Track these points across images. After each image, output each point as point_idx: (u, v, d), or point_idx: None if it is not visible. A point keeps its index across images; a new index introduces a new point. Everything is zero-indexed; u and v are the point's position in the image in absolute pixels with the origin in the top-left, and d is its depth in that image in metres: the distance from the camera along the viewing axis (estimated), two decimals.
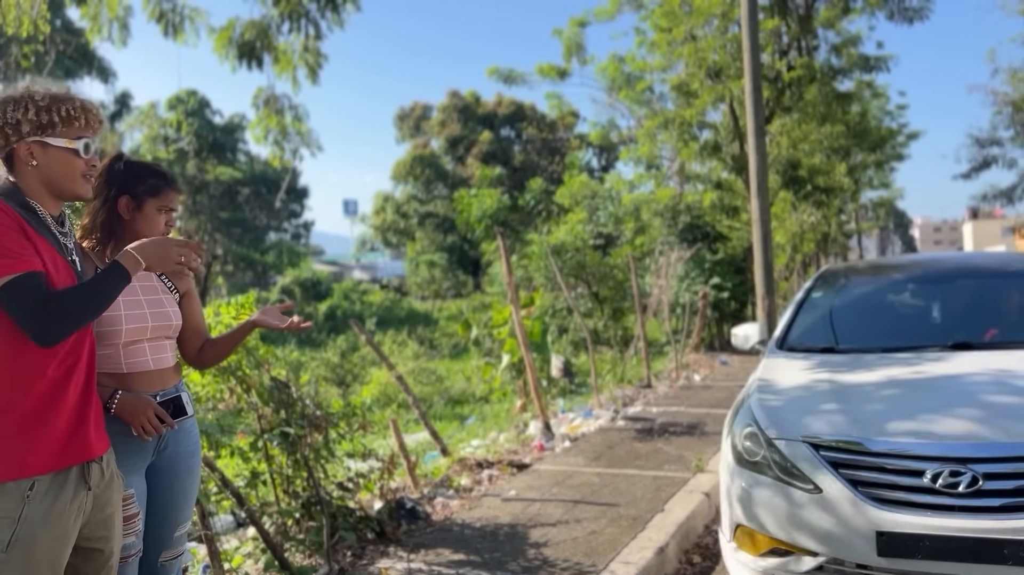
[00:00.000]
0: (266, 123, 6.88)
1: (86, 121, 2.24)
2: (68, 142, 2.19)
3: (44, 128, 2.16)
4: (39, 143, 2.16)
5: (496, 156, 50.57)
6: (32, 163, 2.16)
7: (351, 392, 13.92)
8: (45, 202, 2.20)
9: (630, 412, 9.04)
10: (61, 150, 2.18)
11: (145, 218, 2.62)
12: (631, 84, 16.83)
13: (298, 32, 6.29)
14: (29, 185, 2.17)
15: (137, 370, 2.58)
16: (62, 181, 2.21)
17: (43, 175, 2.17)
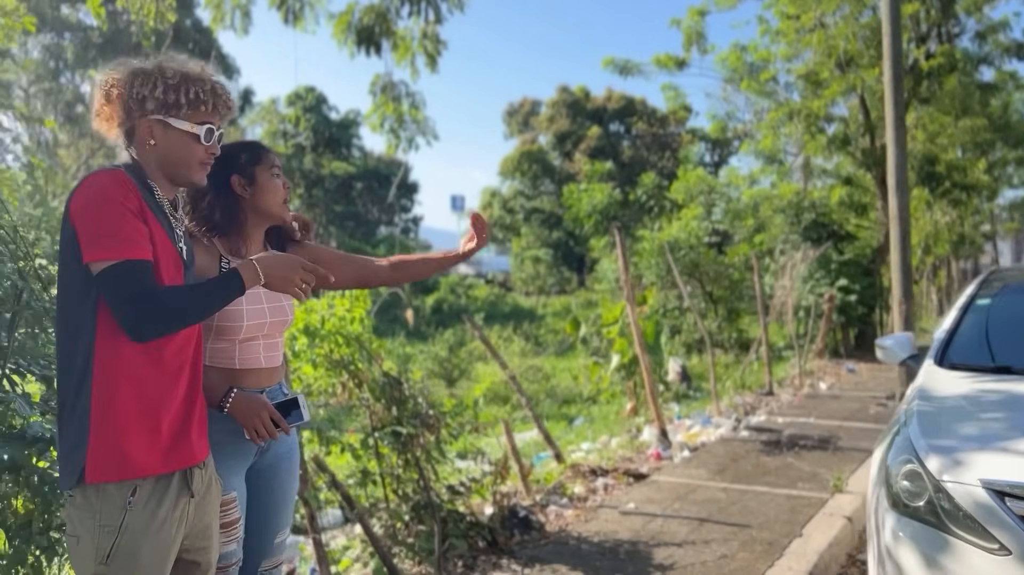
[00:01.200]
0: (383, 110, 6.73)
1: (213, 106, 2.07)
2: (191, 126, 2.03)
3: (169, 108, 2.00)
4: (161, 123, 2.01)
5: (604, 151, 49.91)
6: (151, 142, 2.01)
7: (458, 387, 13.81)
8: (162, 184, 2.05)
9: (753, 422, 8.49)
10: (182, 133, 2.03)
11: (262, 188, 2.43)
12: (754, 74, 16.04)
13: (417, 16, 6.10)
14: (146, 164, 2.03)
15: (249, 366, 2.41)
16: (178, 166, 2.05)
17: (160, 156, 2.02)
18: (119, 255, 1.81)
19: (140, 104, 1.99)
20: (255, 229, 2.47)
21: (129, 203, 1.86)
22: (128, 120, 2.01)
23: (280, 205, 2.47)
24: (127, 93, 1.99)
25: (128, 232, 1.83)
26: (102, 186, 1.85)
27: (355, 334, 5.09)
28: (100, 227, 1.81)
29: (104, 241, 1.81)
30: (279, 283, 2.08)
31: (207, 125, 2.05)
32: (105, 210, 1.82)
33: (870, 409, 9.28)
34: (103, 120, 2.05)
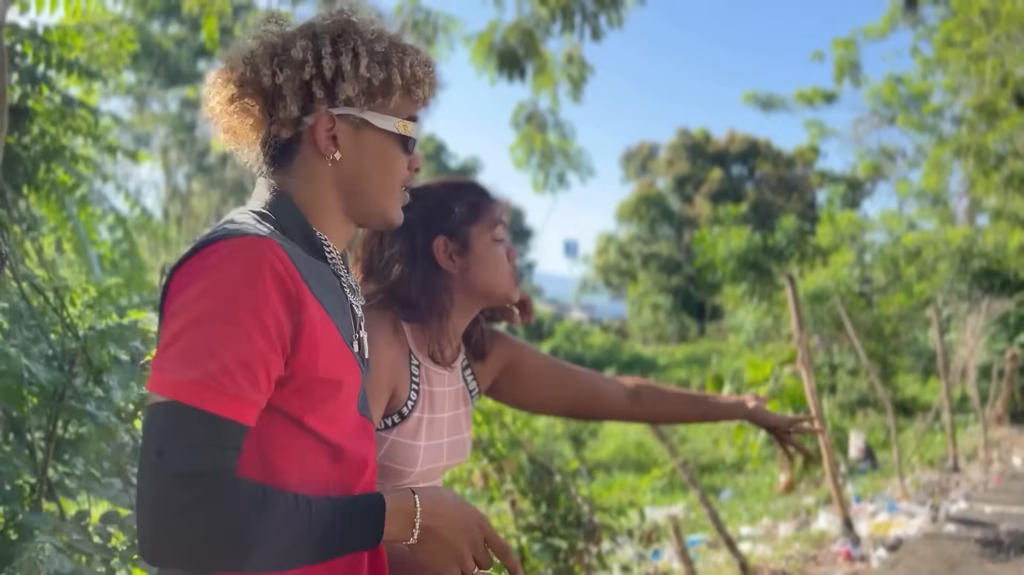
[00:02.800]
0: (529, 142, 5.91)
1: (429, 89, 1.29)
2: (401, 125, 1.25)
3: (373, 94, 1.21)
4: (354, 121, 1.22)
5: (727, 195, 48.24)
6: (334, 155, 1.21)
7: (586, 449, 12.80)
8: (334, 230, 1.26)
9: (953, 511, 7.08)
10: (385, 137, 1.25)
11: (481, 259, 1.62)
12: (911, 108, 14.58)
13: (571, 33, 5.31)
14: (314, 197, 1.23)
15: None
16: (374, 194, 1.26)
17: (346, 178, 1.24)
18: (194, 397, 1.00)
19: (323, 86, 1.18)
20: (462, 315, 1.65)
21: (268, 312, 1.05)
22: (288, 118, 1.19)
23: (508, 283, 1.66)
24: (290, 69, 1.17)
25: (236, 364, 1.02)
26: (234, 277, 1.06)
27: (495, 409, 4.21)
28: (195, 336, 1.03)
29: (186, 361, 1.02)
30: (435, 551, 1.17)
31: (414, 123, 1.28)
32: (220, 320, 1.04)
33: None
34: (230, 121, 1.23)
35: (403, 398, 1.54)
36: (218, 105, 1.21)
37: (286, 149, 1.21)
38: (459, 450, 1.68)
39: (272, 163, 1.22)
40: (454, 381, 1.68)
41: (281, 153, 1.21)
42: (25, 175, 3.36)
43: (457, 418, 1.68)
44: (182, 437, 0.99)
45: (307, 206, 1.20)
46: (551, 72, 5.70)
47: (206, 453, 0.99)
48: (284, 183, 1.21)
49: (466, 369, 1.74)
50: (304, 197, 1.20)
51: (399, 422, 1.54)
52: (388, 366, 1.50)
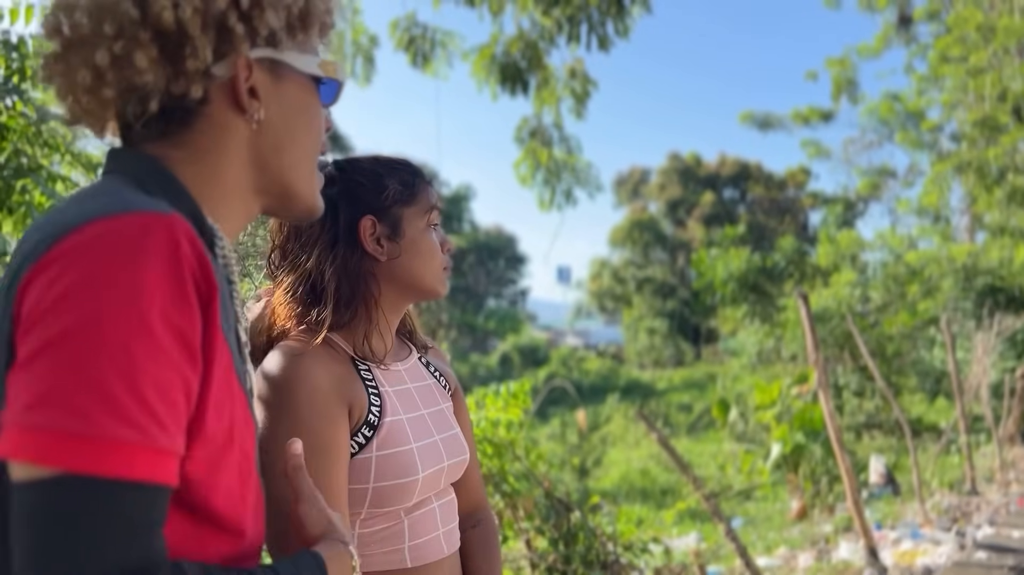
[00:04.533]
0: (534, 157, 5.66)
1: (327, 24, 0.99)
2: (324, 66, 0.97)
3: (292, 29, 0.92)
4: (271, 66, 0.91)
5: (719, 218, 48.31)
6: (259, 114, 0.90)
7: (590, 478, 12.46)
8: (228, 220, 0.92)
9: (979, 536, 6.79)
10: (306, 85, 0.95)
11: (411, 246, 1.38)
12: (908, 125, 14.48)
13: (576, 43, 5.09)
14: (213, 173, 0.90)
15: (428, 559, 1.37)
16: (295, 165, 0.94)
17: (261, 147, 0.92)
18: (95, 461, 0.67)
19: (240, 18, 0.86)
20: (391, 309, 1.41)
21: (184, 315, 0.74)
22: (197, 69, 0.85)
23: (438, 276, 1.43)
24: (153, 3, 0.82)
25: (152, 394, 0.70)
26: (131, 264, 0.71)
27: (507, 440, 3.93)
28: (76, 359, 0.68)
29: (69, 405, 0.67)
30: None
31: (331, 63, 0.98)
32: (116, 328, 0.69)
33: None
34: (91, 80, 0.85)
35: (364, 407, 1.31)
36: (71, 67, 0.84)
37: (169, 115, 0.86)
38: (457, 447, 1.44)
39: (150, 131, 0.87)
40: (417, 377, 1.46)
41: (163, 121, 0.86)
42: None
43: (442, 414, 1.45)
44: (87, 532, 0.65)
45: (197, 184, 0.87)
46: (553, 87, 5.51)
47: (128, 548, 0.66)
48: (166, 155, 0.87)
49: (428, 365, 1.52)
50: (196, 173, 0.87)
51: (372, 435, 1.30)
52: (330, 382, 1.27)
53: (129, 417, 0.66)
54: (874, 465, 9.43)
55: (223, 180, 0.90)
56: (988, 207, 13.61)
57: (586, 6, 4.87)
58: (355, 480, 1.27)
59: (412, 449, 1.33)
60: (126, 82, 0.84)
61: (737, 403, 13.89)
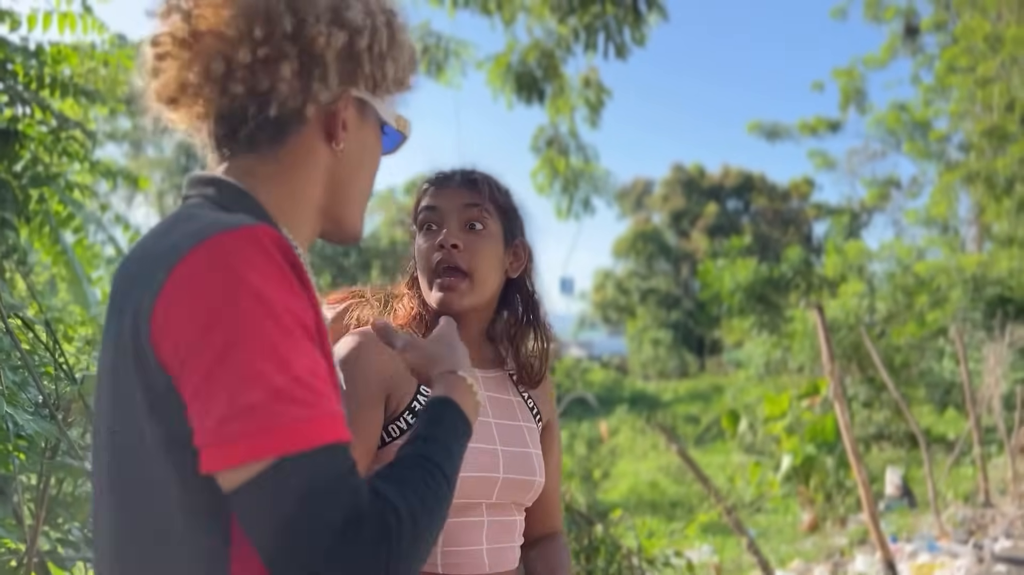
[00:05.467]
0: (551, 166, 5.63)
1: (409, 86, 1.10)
2: (400, 121, 1.07)
3: (379, 80, 1.00)
4: (359, 103, 0.99)
5: (723, 229, 48.30)
6: (339, 144, 0.98)
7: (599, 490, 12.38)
8: (301, 234, 1.00)
9: (997, 549, 6.72)
10: (378, 132, 1.05)
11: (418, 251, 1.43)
12: (915, 135, 14.46)
13: (594, 52, 5.06)
14: (300, 190, 0.97)
15: (463, 572, 1.31)
16: (357, 196, 1.04)
17: (338, 175, 1.00)
18: (299, 439, 0.77)
19: (366, 60, 0.96)
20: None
21: (297, 308, 0.83)
22: (318, 91, 0.93)
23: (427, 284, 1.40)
24: (346, 34, 0.92)
25: (307, 374, 0.80)
26: (250, 266, 0.80)
27: None
28: (244, 356, 0.77)
29: (259, 416, 0.76)
30: None
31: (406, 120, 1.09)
32: (261, 321, 0.79)
33: None
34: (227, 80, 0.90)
35: (410, 395, 1.31)
36: (209, 48, 0.89)
37: (272, 128, 0.92)
38: (524, 465, 1.36)
39: (244, 141, 0.93)
40: (498, 389, 1.43)
41: (264, 131, 0.92)
42: (15, 205, 3.07)
43: (517, 430, 1.40)
44: (312, 493, 0.76)
45: (276, 199, 0.94)
46: (568, 96, 5.49)
47: (346, 494, 0.77)
48: (252, 169, 0.94)
49: (519, 385, 1.48)
50: (277, 189, 0.94)
51: (413, 421, 1.28)
52: (376, 367, 1.29)
53: (298, 398, 0.76)
54: (890, 477, 9.35)
55: (300, 199, 0.96)
56: (996, 217, 13.56)
57: (603, 14, 4.85)
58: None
59: None
60: (256, 84, 0.89)
61: (746, 414, 13.81)
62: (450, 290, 1.36)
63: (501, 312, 1.48)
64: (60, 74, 3.17)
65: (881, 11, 15.33)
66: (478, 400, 1.00)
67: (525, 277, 1.47)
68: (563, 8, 5.08)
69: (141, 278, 0.82)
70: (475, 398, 1.00)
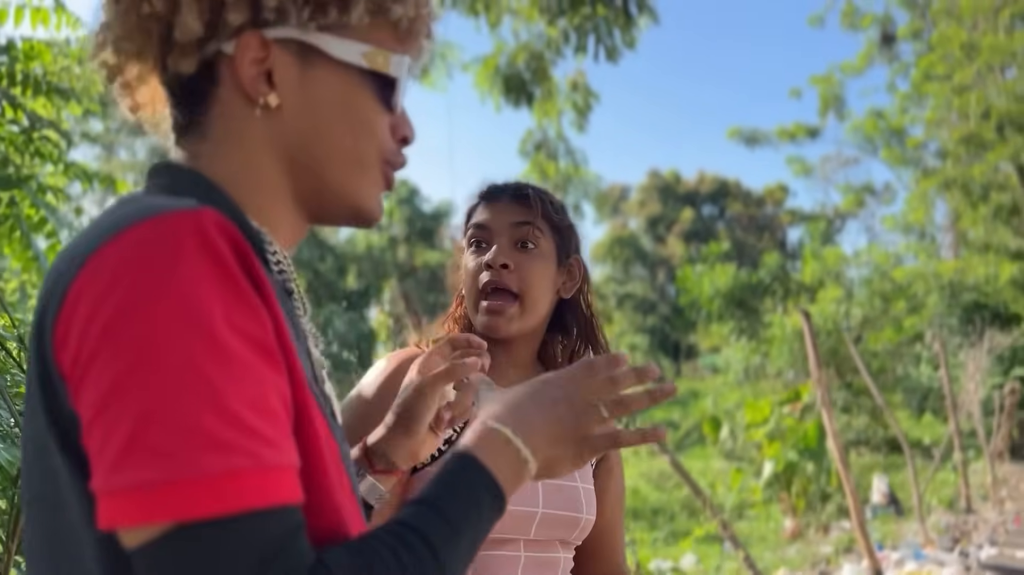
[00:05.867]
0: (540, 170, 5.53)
1: (416, 16, 0.79)
2: (373, 56, 0.77)
3: (323, 6, 0.74)
4: (299, 49, 0.75)
5: (699, 234, 48.67)
6: (267, 99, 0.75)
7: None
8: (276, 223, 0.79)
9: (983, 557, 6.71)
10: (349, 76, 0.77)
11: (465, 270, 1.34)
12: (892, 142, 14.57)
13: (584, 54, 4.97)
14: (243, 169, 0.77)
15: None
16: (334, 162, 0.78)
17: (289, 140, 0.77)
18: (212, 503, 0.57)
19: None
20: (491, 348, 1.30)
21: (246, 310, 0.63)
22: (187, 40, 0.73)
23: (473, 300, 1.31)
24: None
25: (248, 408, 0.59)
26: (179, 268, 0.60)
27: None
28: (152, 390, 0.58)
29: (162, 447, 0.56)
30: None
31: (399, 55, 0.79)
32: (184, 342, 0.58)
33: None
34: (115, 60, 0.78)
35: None
36: (99, 38, 0.77)
37: (194, 96, 0.76)
38: (568, 501, 1.25)
39: (180, 123, 0.78)
40: None
41: (189, 103, 0.76)
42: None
43: None
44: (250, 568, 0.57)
45: (230, 182, 0.75)
46: (555, 99, 5.39)
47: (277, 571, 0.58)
48: (196, 150, 0.77)
49: None
50: (226, 170, 0.75)
51: (447, 449, 1.19)
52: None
53: (223, 443, 0.57)
54: (877, 485, 9.35)
55: (255, 177, 0.76)
56: (972, 224, 13.68)
57: (593, 16, 4.74)
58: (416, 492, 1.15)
59: None
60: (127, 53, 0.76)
61: (726, 420, 13.81)
62: (498, 314, 1.27)
63: (553, 334, 1.39)
64: (32, 71, 3.01)
65: (858, 19, 15.45)
66: (524, 458, 0.74)
67: (580, 297, 1.38)
68: (552, 10, 4.99)
69: (57, 272, 0.65)
70: (517, 456, 0.74)
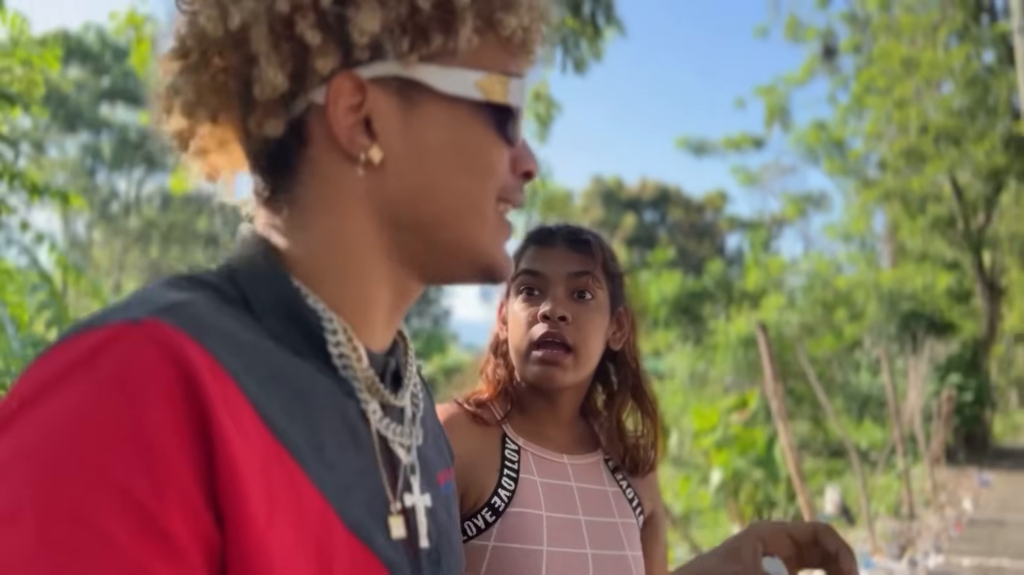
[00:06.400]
0: None
1: (528, 15, 0.63)
2: (490, 83, 0.62)
3: (423, 33, 0.59)
4: (399, 87, 0.61)
5: (641, 240, 49.26)
6: (369, 153, 0.60)
7: None
8: (368, 293, 0.64)
9: (931, 565, 6.83)
10: (462, 111, 0.63)
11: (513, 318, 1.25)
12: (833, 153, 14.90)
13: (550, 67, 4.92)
14: (339, 238, 0.63)
15: None
16: (452, 217, 0.63)
17: (394, 198, 0.63)
18: None
19: (323, 25, 0.58)
20: (533, 401, 1.26)
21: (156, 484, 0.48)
22: (268, 96, 0.59)
23: (521, 353, 1.22)
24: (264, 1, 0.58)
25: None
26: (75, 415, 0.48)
27: None
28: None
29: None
30: None
31: (516, 77, 0.65)
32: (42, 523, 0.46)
33: None
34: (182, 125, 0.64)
35: (488, 490, 1.15)
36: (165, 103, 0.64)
37: (280, 159, 0.63)
38: (620, 571, 1.17)
39: (263, 190, 0.65)
40: (591, 479, 1.24)
41: (273, 167, 0.64)
42: None
43: (612, 528, 1.21)
44: None
45: (306, 256, 0.63)
46: None
47: None
48: (278, 222, 0.64)
49: (616, 471, 1.28)
50: (314, 243, 0.63)
51: (495, 521, 1.12)
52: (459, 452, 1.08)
53: None
54: (830, 495, 9.50)
55: (348, 247, 0.64)
56: (911, 235, 14.08)
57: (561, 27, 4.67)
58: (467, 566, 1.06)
59: (541, 551, 1.11)
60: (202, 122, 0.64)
61: (673, 427, 13.90)
62: (553, 365, 1.18)
63: (594, 384, 1.29)
64: None
65: (801, 31, 15.76)
66: None
67: (627, 348, 1.30)
68: None
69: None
70: None
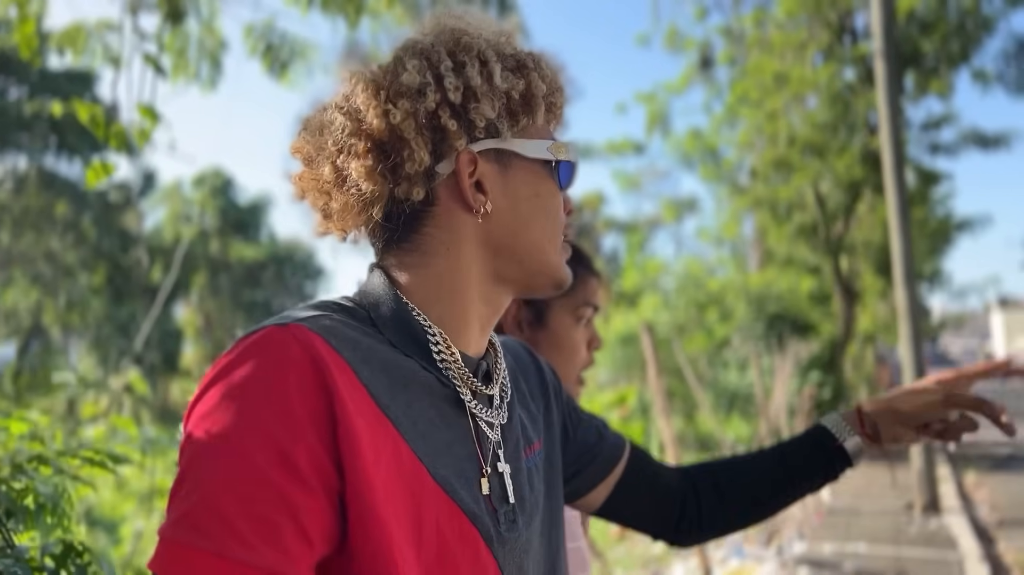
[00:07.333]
0: None
1: (564, 97, 0.97)
2: (557, 148, 0.93)
3: (515, 116, 0.89)
4: (498, 156, 0.89)
5: None
6: (484, 207, 0.88)
7: None
8: (471, 312, 0.90)
9: (796, 552, 7.29)
10: (538, 170, 0.92)
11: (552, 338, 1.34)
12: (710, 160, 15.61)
13: None
14: (457, 272, 0.89)
15: None
16: (535, 247, 0.91)
17: (495, 237, 0.90)
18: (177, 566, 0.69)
19: (453, 115, 0.85)
20: None
21: (290, 434, 0.72)
22: (417, 171, 0.85)
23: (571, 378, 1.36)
24: (407, 100, 0.84)
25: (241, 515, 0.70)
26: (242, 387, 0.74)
27: None
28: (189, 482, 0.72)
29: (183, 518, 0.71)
30: None
31: (572, 143, 0.97)
32: (217, 452, 0.72)
33: (910, 527, 8.25)
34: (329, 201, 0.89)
35: None
36: (309, 182, 0.88)
37: (410, 216, 0.88)
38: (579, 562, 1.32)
39: (379, 238, 0.90)
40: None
41: (403, 223, 0.88)
42: None
43: None
44: None
45: (424, 287, 0.87)
46: None
47: None
48: (398, 262, 0.89)
49: None
50: (423, 276, 0.87)
51: None
52: None
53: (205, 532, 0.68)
54: None
55: (455, 278, 0.88)
56: (777, 240, 14.92)
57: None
58: None
59: None
60: (356, 193, 0.85)
61: None
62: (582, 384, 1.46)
63: None
64: None
65: (680, 42, 16.37)
66: None
67: None
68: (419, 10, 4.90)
69: None
70: None
